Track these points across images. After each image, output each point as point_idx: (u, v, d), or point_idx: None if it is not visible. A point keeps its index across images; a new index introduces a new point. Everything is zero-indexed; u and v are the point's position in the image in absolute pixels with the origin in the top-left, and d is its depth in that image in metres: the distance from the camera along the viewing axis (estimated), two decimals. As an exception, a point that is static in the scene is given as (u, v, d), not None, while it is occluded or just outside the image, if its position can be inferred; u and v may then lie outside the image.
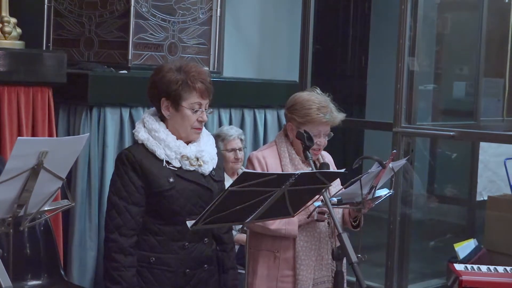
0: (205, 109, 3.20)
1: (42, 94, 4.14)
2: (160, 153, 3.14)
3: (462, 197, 6.83)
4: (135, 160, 3.12)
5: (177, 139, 3.17)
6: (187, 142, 3.21)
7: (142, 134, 3.18)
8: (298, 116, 3.46)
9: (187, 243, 3.17)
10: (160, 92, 3.17)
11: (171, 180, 3.12)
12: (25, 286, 3.87)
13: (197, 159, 3.19)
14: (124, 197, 3.11)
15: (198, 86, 3.14)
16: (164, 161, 3.14)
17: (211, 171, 3.23)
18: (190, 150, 3.18)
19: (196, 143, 3.22)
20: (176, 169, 3.15)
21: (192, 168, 3.18)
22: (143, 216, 3.15)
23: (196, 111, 3.16)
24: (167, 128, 3.19)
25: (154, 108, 3.26)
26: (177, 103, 3.14)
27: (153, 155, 3.14)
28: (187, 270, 3.18)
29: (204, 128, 3.28)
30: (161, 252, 3.15)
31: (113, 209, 3.12)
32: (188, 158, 3.16)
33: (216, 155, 3.31)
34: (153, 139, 3.16)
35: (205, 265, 3.25)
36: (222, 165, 3.41)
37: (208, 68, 5.09)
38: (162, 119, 3.21)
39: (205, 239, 3.25)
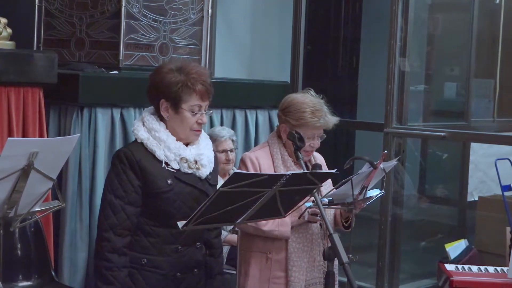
0: (205, 111, 3.18)
1: (33, 95, 4.13)
2: (160, 154, 3.11)
3: (453, 198, 6.84)
4: (134, 159, 3.09)
5: (177, 140, 3.15)
6: (186, 144, 3.19)
7: (142, 133, 3.15)
8: (292, 119, 3.46)
9: (180, 247, 3.16)
10: (159, 94, 3.14)
11: (169, 182, 3.10)
12: (15, 287, 3.86)
13: (196, 162, 3.17)
14: (120, 196, 3.08)
15: (198, 88, 3.11)
16: (163, 162, 3.12)
17: (207, 175, 3.22)
18: (190, 152, 3.16)
19: (196, 146, 3.20)
20: (175, 171, 3.13)
21: (190, 171, 3.16)
22: (138, 217, 3.13)
23: (196, 113, 3.14)
24: (166, 128, 3.16)
25: (153, 107, 3.24)
26: (177, 105, 3.11)
27: (152, 155, 3.11)
28: (178, 273, 3.17)
29: (203, 131, 3.26)
30: (153, 254, 3.13)
31: (109, 208, 3.09)
32: (187, 161, 3.14)
33: (213, 158, 3.29)
34: (153, 139, 3.12)
35: (195, 270, 3.24)
36: (217, 168, 3.39)
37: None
38: (161, 118, 3.18)
39: (198, 243, 3.24)
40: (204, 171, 3.19)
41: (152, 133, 3.13)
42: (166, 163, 3.12)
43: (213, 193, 3.16)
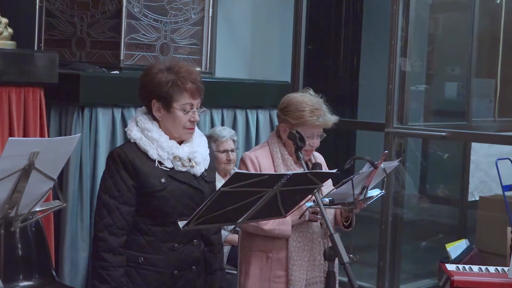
0: (197, 109, 3.18)
1: (34, 95, 4.14)
2: (153, 153, 3.12)
3: (453, 198, 6.84)
4: (127, 159, 3.10)
5: (170, 139, 3.16)
6: (180, 142, 3.20)
7: (134, 133, 3.16)
8: (291, 118, 3.46)
9: (176, 244, 3.16)
10: (150, 94, 3.15)
11: (163, 180, 3.11)
12: (16, 287, 3.86)
13: (190, 160, 3.18)
14: (115, 196, 3.09)
15: (188, 87, 3.12)
16: (156, 161, 3.13)
17: (203, 172, 3.22)
18: (183, 150, 3.17)
19: (189, 144, 3.21)
20: (168, 169, 3.13)
21: (184, 169, 3.16)
22: (133, 216, 3.13)
23: (188, 111, 3.15)
24: (159, 127, 3.17)
25: None
26: (168, 104, 3.12)
27: (145, 154, 3.12)
28: (175, 271, 3.17)
29: (197, 129, 3.27)
30: (150, 253, 3.14)
31: (103, 208, 3.10)
32: (180, 159, 3.15)
33: (208, 156, 3.29)
34: (146, 138, 3.14)
35: (193, 267, 3.24)
36: (214, 165, 3.40)
37: (200, 69, 5.09)
38: (155, 118, 3.19)
39: (194, 240, 3.24)
40: (199, 169, 3.20)
41: (145, 132, 3.15)
42: (160, 162, 3.13)
43: (209, 190, 3.20)
